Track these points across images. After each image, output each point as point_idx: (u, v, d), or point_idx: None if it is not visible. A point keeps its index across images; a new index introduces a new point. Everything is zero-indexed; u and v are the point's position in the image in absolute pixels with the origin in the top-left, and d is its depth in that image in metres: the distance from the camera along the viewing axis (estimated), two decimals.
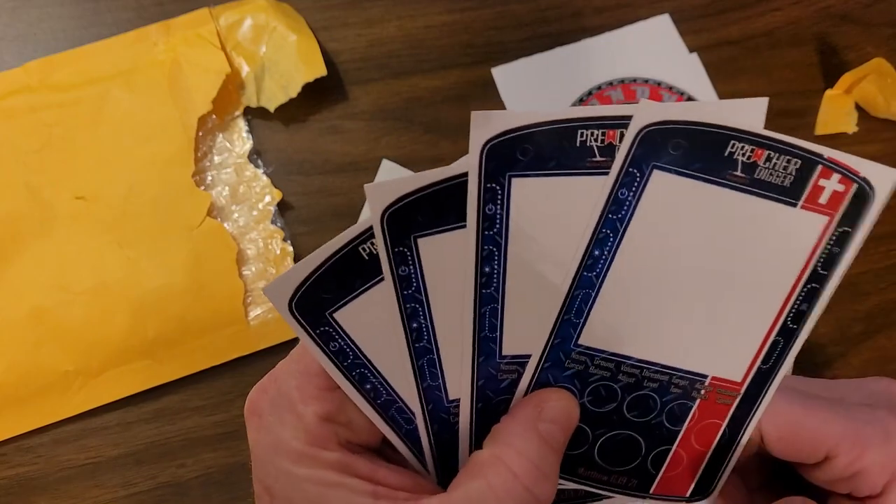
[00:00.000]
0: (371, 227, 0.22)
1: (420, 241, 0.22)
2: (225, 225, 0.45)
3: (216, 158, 0.46)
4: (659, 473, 0.25)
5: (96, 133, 0.46)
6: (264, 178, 0.46)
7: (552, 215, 0.22)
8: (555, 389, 0.24)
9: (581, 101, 0.48)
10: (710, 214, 0.22)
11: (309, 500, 0.22)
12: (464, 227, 0.22)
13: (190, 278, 0.43)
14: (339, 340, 0.23)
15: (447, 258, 0.23)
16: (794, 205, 0.22)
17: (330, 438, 0.23)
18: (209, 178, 0.46)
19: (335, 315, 0.23)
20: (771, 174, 0.22)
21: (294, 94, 0.46)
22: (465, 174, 0.22)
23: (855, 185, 0.22)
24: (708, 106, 0.21)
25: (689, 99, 0.49)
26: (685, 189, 0.22)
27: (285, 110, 0.47)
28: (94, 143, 0.45)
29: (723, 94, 0.49)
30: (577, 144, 0.21)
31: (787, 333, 0.23)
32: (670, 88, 0.49)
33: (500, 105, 0.48)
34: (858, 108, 0.49)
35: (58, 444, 0.42)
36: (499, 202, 0.22)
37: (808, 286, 0.23)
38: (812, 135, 0.48)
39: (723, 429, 0.25)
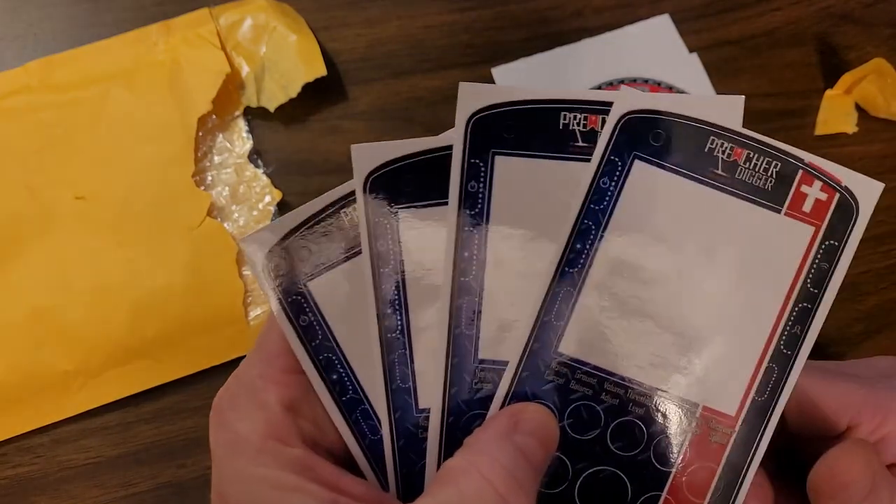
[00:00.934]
0: (353, 192, 0.21)
1: (402, 214, 0.21)
2: (225, 225, 0.45)
3: (216, 158, 0.46)
4: None
5: (96, 133, 0.46)
6: (264, 178, 0.46)
7: (533, 201, 0.21)
8: (532, 403, 0.22)
9: None
10: (694, 212, 0.21)
11: None
12: (446, 203, 0.21)
13: (190, 278, 0.43)
14: (310, 315, 0.21)
15: (427, 235, 0.21)
16: (779, 211, 0.21)
17: (292, 433, 0.21)
18: (209, 178, 0.46)
19: (309, 284, 0.21)
20: (752, 175, 0.21)
21: (294, 94, 0.46)
22: (450, 147, 0.21)
23: (837, 195, 0.21)
24: (687, 99, 0.21)
25: None
26: (667, 183, 0.21)
27: (285, 110, 0.47)
28: (94, 143, 0.45)
29: (723, 94, 0.49)
30: (560, 127, 0.21)
31: (781, 360, 0.22)
32: (670, 88, 0.49)
33: None
34: (859, 108, 0.49)
35: (57, 445, 0.42)
36: (482, 180, 0.21)
37: (800, 306, 0.22)
38: (812, 135, 0.48)
39: (718, 475, 0.22)
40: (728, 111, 0.22)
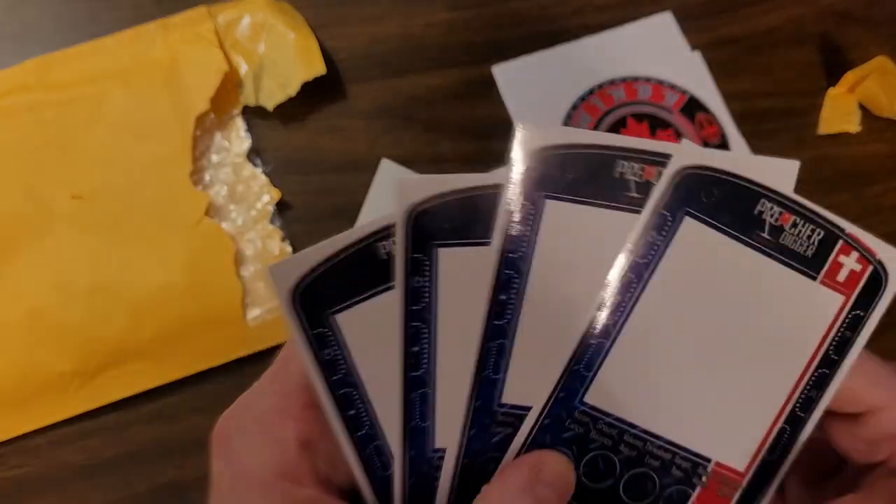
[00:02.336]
0: (393, 225, 0.20)
1: (441, 252, 0.21)
2: (223, 224, 0.45)
3: (214, 157, 0.46)
4: None
5: (94, 132, 0.45)
6: (263, 177, 0.46)
7: (579, 247, 0.21)
8: (552, 451, 0.22)
9: (582, 99, 0.48)
10: (734, 274, 0.22)
11: None
12: (489, 243, 0.21)
13: (188, 278, 0.43)
14: (334, 348, 0.21)
15: (466, 277, 0.21)
16: (815, 278, 0.22)
17: (306, 472, 0.21)
18: (207, 177, 0.46)
19: (337, 317, 0.21)
20: (795, 241, 0.22)
21: (293, 93, 0.46)
22: (500, 185, 0.20)
23: (871, 267, 0.22)
24: (743, 159, 0.22)
25: (692, 98, 0.48)
26: (712, 243, 0.21)
27: (284, 109, 0.47)
28: (92, 142, 0.45)
29: (724, 93, 0.49)
30: (616, 175, 0.21)
31: (794, 422, 0.22)
32: (672, 87, 0.48)
33: (500, 104, 0.48)
34: (862, 107, 0.48)
35: (56, 446, 0.42)
36: (529, 223, 0.21)
37: (820, 371, 0.22)
38: (815, 134, 0.48)
39: None
40: (782, 175, 0.22)
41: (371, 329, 0.21)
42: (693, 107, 0.48)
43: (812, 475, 0.26)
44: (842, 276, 0.22)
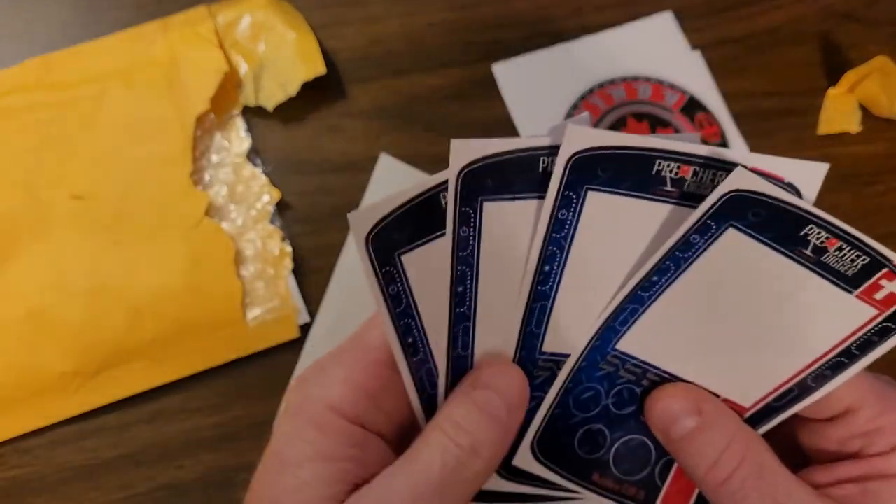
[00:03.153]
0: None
1: (485, 205, 0.23)
2: (223, 224, 0.45)
3: (214, 157, 0.46)
4: (664, 486, 0.26)
5: (94, 132, 0.45)
6: (263, 177, 0.46)
7: (616, 231, 0.23)
8: (497, 361, 0.25)
9: (583, 99, 0.48)
10: (769, 274, 0.23)
11: (297, 463, 0.23)
12: (533, 197, 0.23)
13: (187, 278, 0.43)
14: (399, 284, 0.24)
15: (507, 228, 0.23)
16: (851, 293, 0.23)
17: (361, 413, 0.24)
18: (207, 177, 0.46)
19: (402, 257, 0.24)
20: (837, 262, 0.23)
21: (293, 93, 0.46)
22: (547, 148, 0.23)
23: None
24: (778, 162, 0.23)
25: (692, 97, 0.48)
26: (753, 250, 0.23)
27: (284, 109, 0.46)
28: (92, 142, 0.45)
29: (725, 93, 0.49)
30: (654, 172, 0.23)
31: (804, 388, 0.24)
32: (672, 86, 0.48)
33: (500, 104, 0.48)
34: (862, 107, 0.48)
35: (55, 446, 0.42)
36: (573, 209, 0.23)
37: (838, 359, 0.24)
38: (815, 134, 0.48)
39: None
40: (811, 176, 0.23)
41: (429, 268, 0.24)
42: (693, 106, 0.48)
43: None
44: (880, 296, 0.23)
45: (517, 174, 0.23)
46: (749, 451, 0.23)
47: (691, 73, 0.49)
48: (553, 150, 0.23)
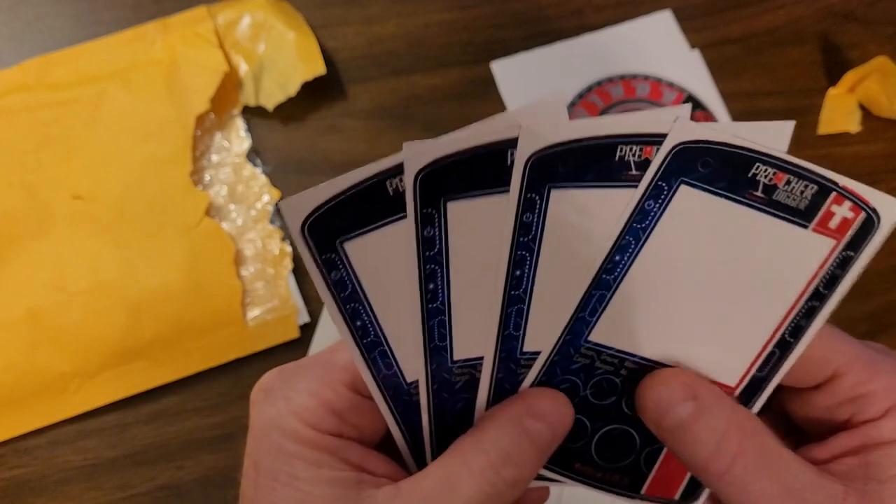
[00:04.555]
0: (402, 164, 0.22)
1: (449, 205, 0.23)
2: (223, 224, 0.45)
3: (214, 157, 0.46)
4: (651, 473, 0.26)
5: (93, 132, 0.45)
6: (263, 177, 0.46)
7: (583, 224, 0.23)
8: (549, 389, 0.24)
9: (581, 97, 0.48)
10: (726, 229, 0.23)
11: (293, 476, 0.22)
12: (496, 192, 0.23)
13: (187, 278, 0.43)
14: (343, 271, 0.23)
15: (477, 231, 0.23)
16: (806, 227, 0.23)
17: (331, 429, 0.23)
18: (207, 177, 0.46)
19: (345, 244, 0.23)
20: (788, 196, 0.23)
21: (293, 93, 0.46)
22: (502, 143, 0.22)
23: (863, 214, 0.23)
24: (738, 127, 0.23)
25: (690, 97, 0.48)
26: (707, 204, 0.23)
27: (284, 109, 0.47)
28: (92, 143, 0.45)
29: (724, 92, 0.48)
30: (616, 159, 0.23)
31: (783, 346, 0.24)
32: (671, 85, 0.48)
33: (500, 104, 0.48)
34: (862, 107, 0.48)
35: (55, 446, 0.42)
36: (537, 211, 0.23)
37: (809, 304, 0.24)
38: (815, 134, 0.48)
39: None
40: (777, 136, 0.23)
41: (377, 253, 0.23)
42: (691, 105, 0.48)
43: None
44: (833, 224, 0.23)
45: (478, 170, 0.23)
46: (749, 435, 0.23)
47: (690, 73, 0.49)
48: (514, 143, 0.22)
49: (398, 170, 0.22)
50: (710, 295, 0.24)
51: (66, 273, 0.43)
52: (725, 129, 0.23)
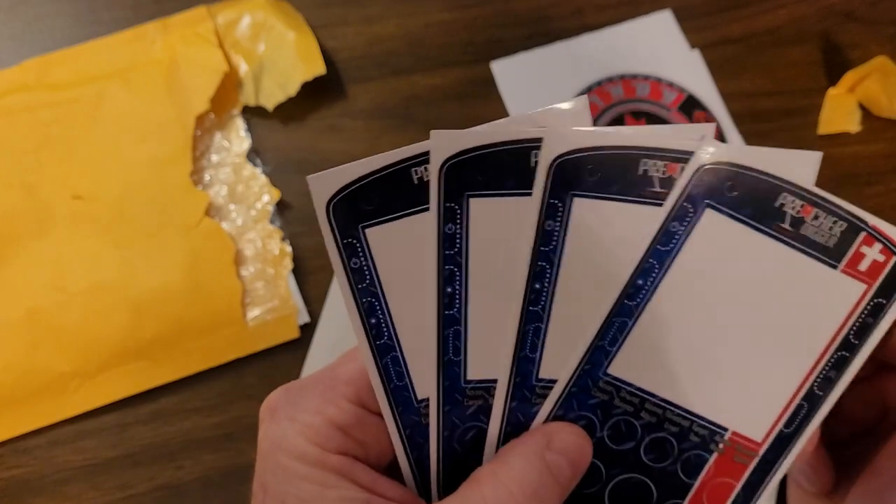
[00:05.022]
0: (428, 152, 0.22)
1: (472, 202, 0.22)
2: (223, 224, 0.45)
3: (214, 157, 0.46)
4: None
5: (93, 132, 0.45)
6: (263, 177, 0.46)
7: (605, 238, 0.22)
8: (570, 424, 0.23)
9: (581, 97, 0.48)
10: (753, 262, 0.23)
11: (301, 499, 0.22)
12: (519, 195, 0.22)
13: (187, 278, 0.43)
14: (362, 258, 0.23)
15: (499, 234, 0.22)
16: (835, 267, 0.22)
17: (338, 447, 0.23)
18: (207, 177, 0.46)
19: (367, 230, 0.22)
20: (816, 232, 0.22)
21: (293, 93, 0.46)
22: (527, 141, 0.22)
23: (895, 258, 0.22)
24: (765, 153, 0.22)
25: (690, 96, 0.48)
26: (733, 232, 0.22)
27: (284, 109, 0.46)
28: (92, 143, 0.45)
29: (724, 93, 0.48)
30: (640, 173, 0.22)
31: (812, 399, 0.23)
32: (671, 85, 0.48)
33: (500, 104, 0.48)
34: (862, 107, 0.48)
35: (54, 446, 0.42)
36: (558, 219, 0.22)
37: (839, 354, 0.23)
38: (815, 134, 0.48)
39: (736, 492, 0.24)
40: (804, 165, 0.23)
41: (398, 246, 0.22)
42: (691, 105, 0.48)
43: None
44: (864, 266, 0.22)
45: (503, 167, 0.22)
46: None
47: (690, 72, 0.49)
48: (539, 144, 0.22)
49: (424, 158, 0.22)
50: (735, 335, 0.23)
51: (66, 273, 0.43)
52: (751, 153, 0.22)
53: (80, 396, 0.42)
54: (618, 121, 0.48)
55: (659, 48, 0.49)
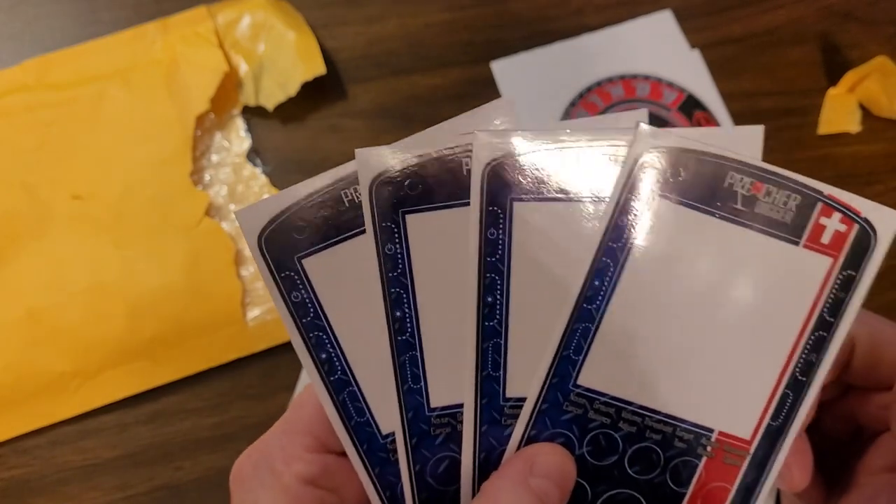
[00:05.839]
0: (356, 173, 0.21)
1: (408, 218, 0.21)
2: (223, 224, 0.45)
3: (214, 157, 0.46)
4: None
5: (93, 132, 0.45)
6: (263, 177, 0.46)
7: (554, 242, 0.21)
8: (548, 444, 0.23)
9: (581, 97, 0.48)
10: (711, 248, 0.22)
11: None
12: (457, 205, 0.21)
13: (187, 278, 0.43)
14: (303, 291, 0.22)
15: (440, 248, 0.21)
16: (797, 243, 0.21)
17: (311, 502, 0.22)
18: (207, 177, 0.46)
19: (304, 261, 0.22)
20: (771, 209, 0.21)
21: (293, 93, 0.46)
22: (457, 150, 0.21)
23: (857, 227, 0.21)
24: (706, 134, 0.21)
25: (690, 96, 0.48)
26: (685, 219, 0.21)
27: (284, 109, 0.46)
28: (92, 142, 0.45)
29: (724, 93, 0.48)
30: (579, 170, 0.21)
31: (796, 386, 0.22)
32: (671, 85, 0.48)
33: None
34: (862, 107, 0.48)
35: (55, 446, 0.42)
36: (501, 227, 0.21)
37: (816, 334, 0.22)
38: (815, 134, 0.48)
39: (732, 496, 0.23)
40: (748, 142, 0.22)
41: (339, 274, 0.22)
42: (691, 105, 0.48)
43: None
44: (826, 239, 0.21)
45: (436, 179, 0.21)
46: None
47: (690, 72, 0.49)
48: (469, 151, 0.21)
49: (354, 179, 0.21)
50: (705, 328, 0.22)
51: (65, 273, 0.43)
52: (692, 135, 0.21)
53: (80, 396, 0.42)
54: None
55: (659, 48, 0.49)
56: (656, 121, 0.48)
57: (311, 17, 0.49)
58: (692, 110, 0.48)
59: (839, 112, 0.48)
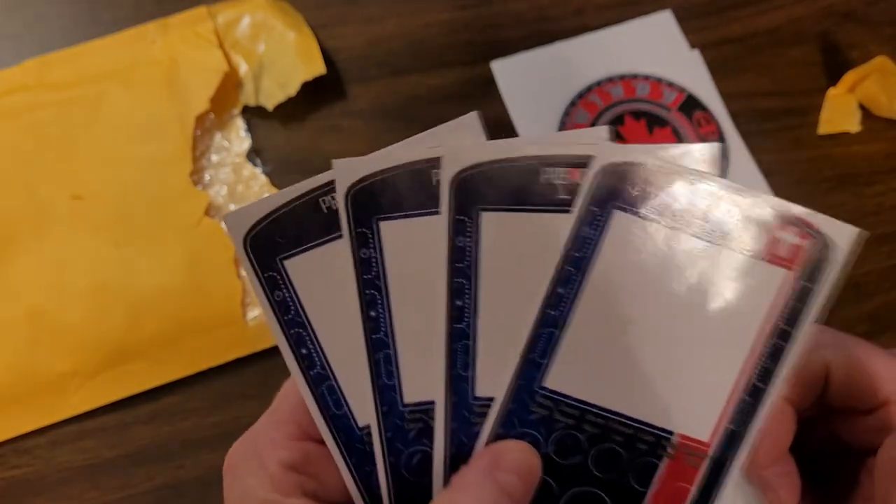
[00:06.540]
0: (332, 182, 0.23)
1: (382, 225, 0.23)
2: (223, 225, 0.45)
3: (214, 157, 0.46)
4: None
5: (93, 132, 0.45)
6: (263, 177, 0.46)
7: (519, 251, 0.22)
8: (514, 441, 0.23)
9: (581, 97, 0.48)
10: (671, 259, 0.22)
11: None
12: (427, 214, 0.22)
13: (187, 278, 0.43)
14: (285, 290, 0.23)
15: (412, 255, 0.23)
16: (756, 255, 0.22)
17: (294, 487, 0.23)
18: (207, 177, 0.46)
19: (286, 262, 0.23)
20: (727, 222, 0.22)
21: (293, 93, 0.46)
22: (427, 161, 0.22)
23: (813, 240, 0.22)
24: (660, 149, 0.22)
25: (690, 96, 0.48)
26: (645, 231, 0.22)
27: (284, 109, 0.47)
28: (92, 143, 0.45)
29: (724, 93, 0.48)
30: (543, 182, 0.22)
31: (754, 393, 0.23)
32: (671, 85, 0.48)
33: (500, 104, 0.48)
34: (862, 107, 0.48)
35: (55, 446, 0.42)
36: (469, 235, 0.22)
37: (773, 342, 0.23)
38: (815, 134, 0.48)
39: (692, 496, 0.24)
40: (703, 157, 0.22)
41: (317, 275, 0.23)
42: (691, 105, 0.48)
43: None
44: (783, 251, 0.22)
45: (407, 189, 0.22)
46: None
47: (690, 72, 0.49)
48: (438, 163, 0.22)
49: (331, 187, 0.23)
50: (666, 335, 0.23)
51: (65, 273, 0.43)
52: (648, 150, 0.22)
53: (81, 396, 0.42)
54: (618, 120, 0.48)
55: (659, 48, 0.49)
56: (658, 121, 0.48)
57: (311, 17, 0.49)
58: (692, 110, 0.48)
59: (839, 112, 0.48)
